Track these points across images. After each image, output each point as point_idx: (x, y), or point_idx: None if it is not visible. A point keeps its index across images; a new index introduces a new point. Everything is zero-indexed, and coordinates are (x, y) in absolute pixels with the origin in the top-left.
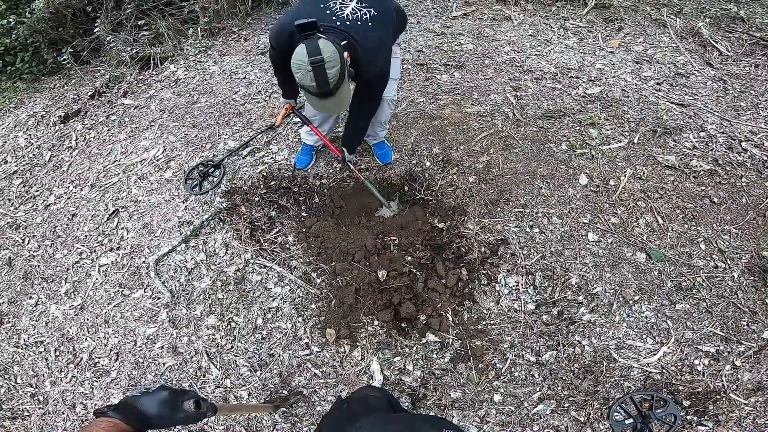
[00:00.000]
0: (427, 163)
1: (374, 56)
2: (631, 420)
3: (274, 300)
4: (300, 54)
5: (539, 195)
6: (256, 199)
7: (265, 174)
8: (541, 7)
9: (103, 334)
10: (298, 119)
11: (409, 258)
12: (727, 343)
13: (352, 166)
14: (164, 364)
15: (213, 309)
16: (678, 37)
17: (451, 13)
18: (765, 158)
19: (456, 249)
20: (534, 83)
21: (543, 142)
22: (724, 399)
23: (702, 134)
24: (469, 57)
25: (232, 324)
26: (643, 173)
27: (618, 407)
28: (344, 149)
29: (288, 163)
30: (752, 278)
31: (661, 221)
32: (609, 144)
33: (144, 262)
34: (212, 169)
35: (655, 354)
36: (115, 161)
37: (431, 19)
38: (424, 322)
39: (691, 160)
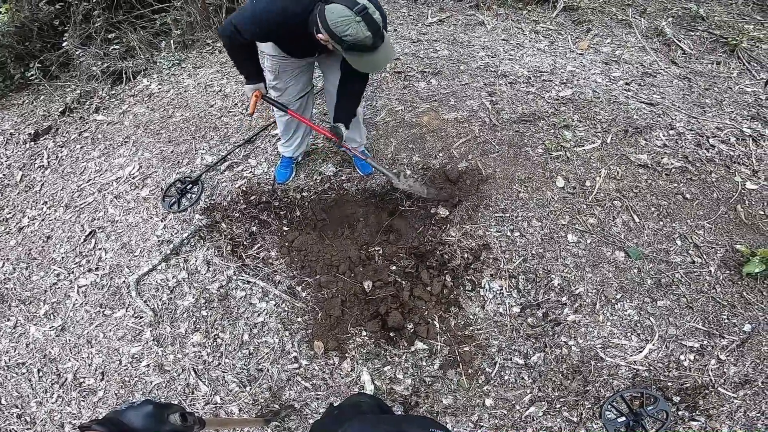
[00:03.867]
0: (408, 172)
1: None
2: (624, 418)
3: (259, 315)
4: (339, 12)
5: (518, 199)
6: (237, 214)
7: (244, 189)
8: (513, 11)
9: (86, 354)
10: (274, 118)
11: (394, 267)
12: (710, 338)
13: (349, 146)
14: (151, 382)
15: (198, 326)
16: (643, 37)
17: (427, 20)
18: (732, 153)
19: (439, 256)
20: (508, 87)
21: (519, 146)
22: (713, 393)
23: (671, 132)
24: (445, 63)
25: (218, 341)
26: (618, 173)
27: (609, 406)
28: (337, 126)
29: (268, 176)
30: (728, 272)
31: (637, 219)
32: (583, 145)
33: (124, 282)
34: (190, 185)
35: (641, 351)
36: (89, 180)
37: (407, 26)
38: (411, 330)
39: (662, 158)
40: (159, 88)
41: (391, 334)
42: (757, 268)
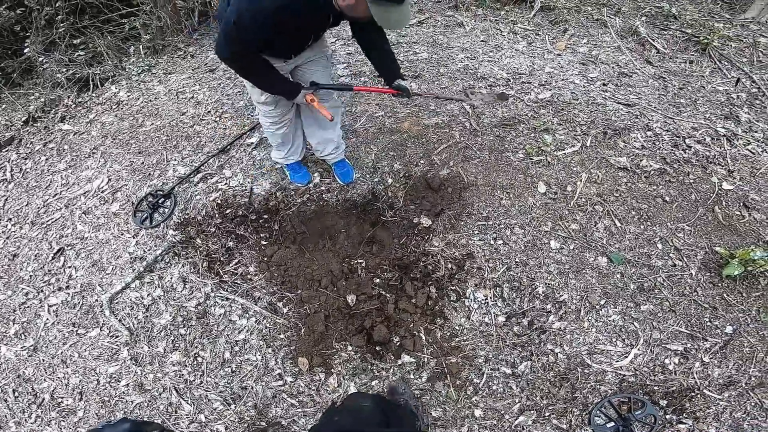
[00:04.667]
0: (389, 180)
1: None
2: (613, 423)
3: (240, 332)
4: None
5: (500, 206)
6: (212, 229)
7: (219, 202)
8: (492, 12)
9: (62, 374)
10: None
11: (378, 280)
12: (694, 341)
13: (417, 91)
14: (132, 401)
15: (176, 345)
16: (619, 37)
17: None
18: (708, 154)
19: (423, 267)
20: (488, 90)
21: (500, 151)
22: (698, 396)
23: (649, 133)
24: (425, 66)
25: (199, 359)
26: (598, 177)
27: (598, 412)
28: (399, 84)
29: (243, 188)
30: (709, 274)
31: (618, 224)
32: (563, 149)
33: (97, 300)
34: (162, 199)
35: (626, 357)
36: (56, 194)
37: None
38: (398, 343)
39: (641, 161)
40: (128, 96)
41: (377, 348)
42: (736, 270)
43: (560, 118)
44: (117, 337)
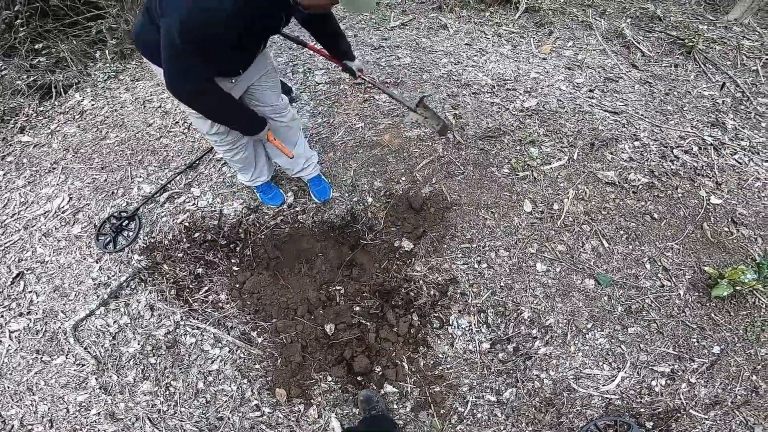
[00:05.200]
0: (369, 199)
1: None
2: None
3: (213, 362)
4: None
5: (485, 227)
6: (180, 255)
7: (187, 224)
8: (476, 13)
9: (29, 402)
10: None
11: (358, 308)
12: (681, 362)
13: (364, 76)
14: (104, 430)
15: (147, 374)
16: (604, 39)
17: (389, 24)
18: (695, 165)
19: (405, 294)
20: (472, 98)
21: (485, 165)
22: (684, 416)
23: (636, 143)
24: (408, 72)
25: (171, 389)
26: (585, 193)
27: None
28: (346, 64)
29: (213, 209)
30: (697, 294)
31: (606, 244)
32: (550, 163)
33: (60, 327)
34: (126, 221)
35: (613, 380)
36: (14, 214)
37: (369, 31)
38: (380, 373)
39: (629, 174)
40: (92, 104)
41: (358, 378)
42: (725, 291)
43: (546, 129)
44: (83, 365)
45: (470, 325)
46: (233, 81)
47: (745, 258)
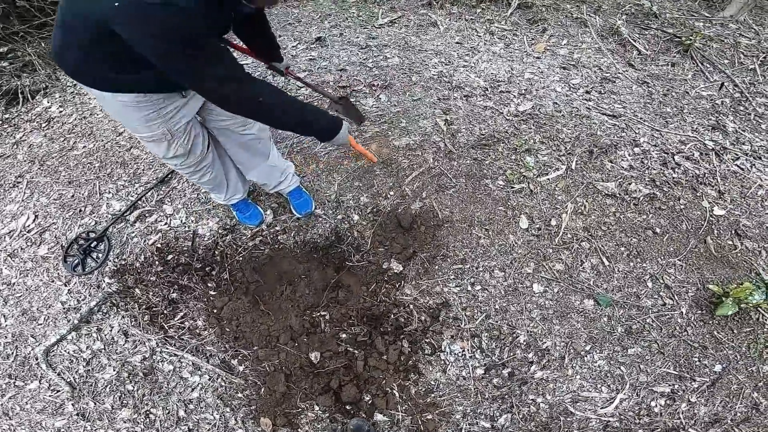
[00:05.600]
0: (355, 217)
1: None
2: None
3: (193, 390)
4: None
5: (478, 246)
6: (152, 278)
7: (159, 246)
8: (467, 10)
9: (6, 426)
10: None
11: (344, 335)
12: (681, 381)
13: (290, 74)
14: None
15: (124, 402)
16: (599, 37)
17: (377, 21)
18: (697, 172)
19: (394, 320)
20: (464, 102)
21: (478, 177)
22: None
23: (636, 150)
24: (396, 74)
25: (151, 416)
26: (585, 207)
27: None
28: (273, 65)
29: (186, 229)
30: (699, 312)
31: (606, 262)
32: (547, 174)
33: (31, 352)
34: (95, 242)
35: (611, 402)
36: None
37: (356, 29)
38: (369, 402)
39: (629, 185)
40: (60, 111)
41: (347, 407)
42: (730, 311)
43: (543, 135)
44: (58, 391)
45: (463, 351)
46: (184, 94)
47: (749, 272)
